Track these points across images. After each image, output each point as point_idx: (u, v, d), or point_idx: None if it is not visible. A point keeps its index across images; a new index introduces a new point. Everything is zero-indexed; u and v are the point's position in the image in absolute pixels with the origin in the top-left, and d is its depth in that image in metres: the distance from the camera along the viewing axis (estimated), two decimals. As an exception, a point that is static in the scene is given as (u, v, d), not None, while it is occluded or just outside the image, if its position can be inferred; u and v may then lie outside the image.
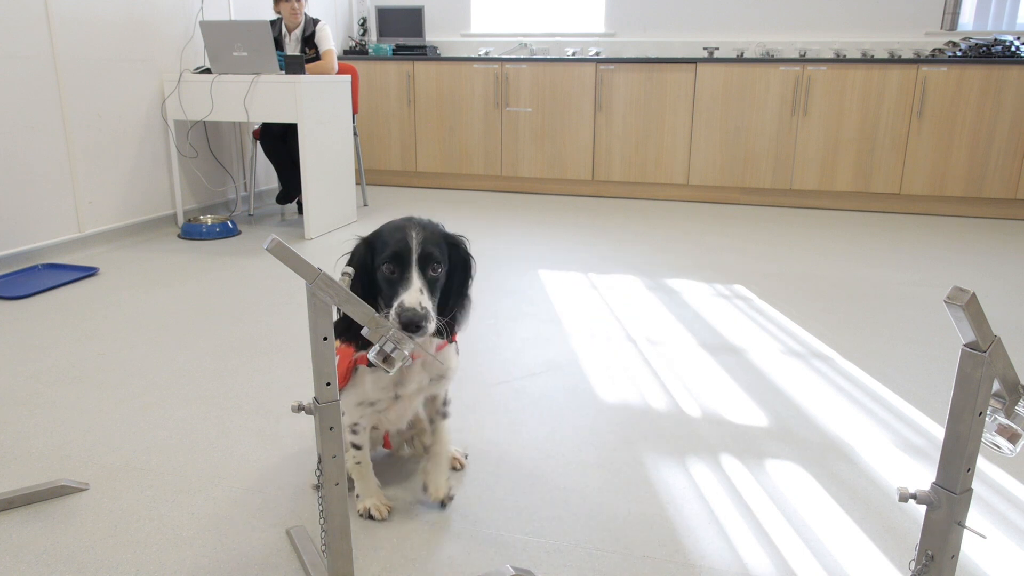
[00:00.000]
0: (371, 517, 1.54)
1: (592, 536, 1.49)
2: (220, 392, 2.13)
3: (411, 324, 1.23)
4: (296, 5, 4.29)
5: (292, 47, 4.44)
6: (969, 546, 1.47)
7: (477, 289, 3.11)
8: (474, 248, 1.41)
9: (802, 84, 4.79)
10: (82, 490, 1.63)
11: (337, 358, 1.45)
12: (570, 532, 1.50)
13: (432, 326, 1.28)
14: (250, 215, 4.68)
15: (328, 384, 1.15)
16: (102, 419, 1.96)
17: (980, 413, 0.86)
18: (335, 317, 1.29)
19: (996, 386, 0.86)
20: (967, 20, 5.09)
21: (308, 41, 4.43)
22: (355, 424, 1.50)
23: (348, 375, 1.45)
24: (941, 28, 5.06)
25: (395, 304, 1.27)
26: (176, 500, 1.60)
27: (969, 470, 0.89)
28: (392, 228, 1.34)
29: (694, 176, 5.11)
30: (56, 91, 3.44)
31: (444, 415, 1.60)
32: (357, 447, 1.53)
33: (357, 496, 1.57)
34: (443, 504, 1.58)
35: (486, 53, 5.64)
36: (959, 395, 0.87)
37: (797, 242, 4.03)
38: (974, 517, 1.57)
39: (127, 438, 1.86)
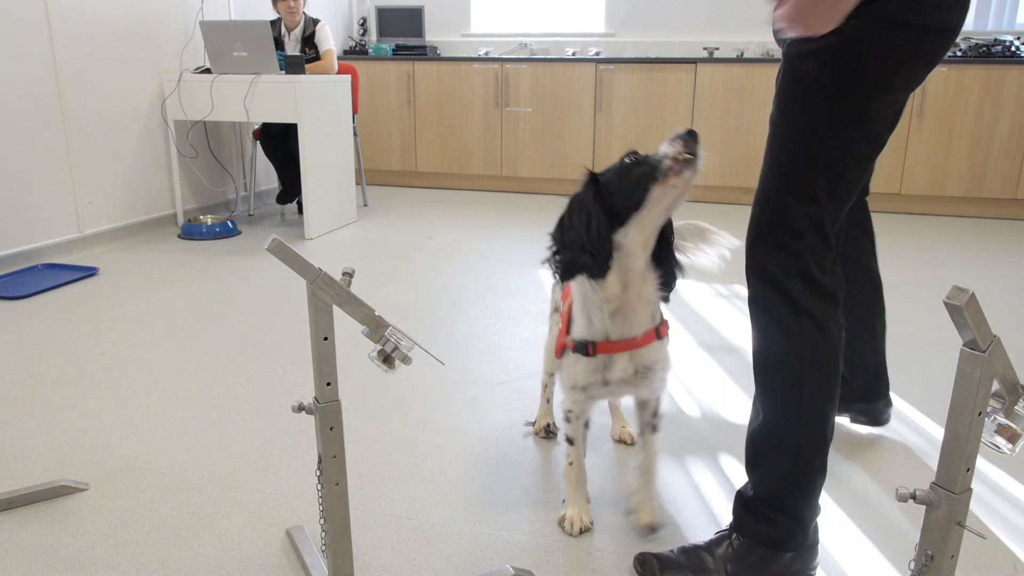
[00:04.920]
0: (564, 529, 1.49)
1: (592, 536, 1.49)
2: (220, 392, 2.13)
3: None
4: (293, 4, 4.29)
5: (292, 47, 4.44)
6: (969, 546, 1.47)
7: (476, 289, 3.12)
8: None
9: (802, 84, 4.78)
10: (82, 490, 1.63)
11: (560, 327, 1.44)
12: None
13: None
14: (250, 215, 4.68)
15: (328, 384, 1.15)
16: (102, 419, 1.96)
17: (980, 413, 0.86)
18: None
19: (996, 386, 0.86)
20: (967, 20, 5.08)
21: (308, 41, 4.43)
22: (568, 411, 1.47)
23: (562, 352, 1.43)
24: (941, 28, 5.06)
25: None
26: (176, 500, 1.60)
27: (969, 470, 0.89)
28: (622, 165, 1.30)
29: (694, 176, 5.10)
30: (56, 91, 3.44)
31: (654, 427, 1.49)
32: (570, 441, 1.49)
33: (563, 501, 1.54)
34: (652, 530, 1.47)
35: (486, 53, 5.64)
36: (959, 395, 0.87)
37: (797, 242, 4.02)
38: (974, 517, 1.57)
39: (127, 438, 1.86)
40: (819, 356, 1.22)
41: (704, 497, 1.64)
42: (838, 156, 1.20)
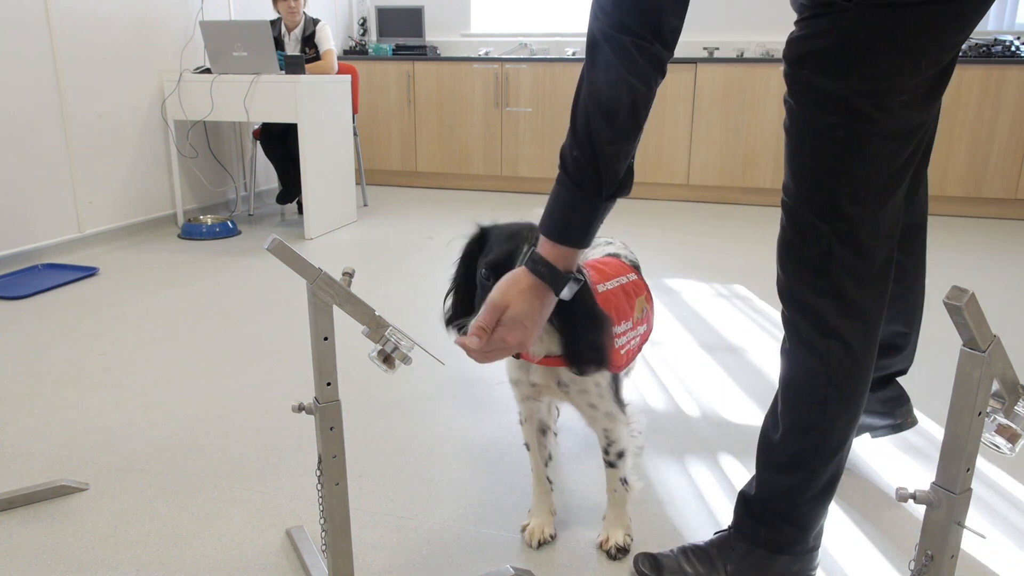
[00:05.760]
0: (524, 539, 1.46)
1: (591, 536, 1.49)
2: (220, 392, 2.13)
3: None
4: (293, 4, 4.29)
5: (292, 47, 4.44)
6: (969, 546, 1.47)
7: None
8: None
9: (802, 84, 4.78)
10: (82, 490, 1.63)
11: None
12: (570, 532, 1.50)
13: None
14: (250, 215, 4.68)
15: (328, 384, 1.15)
16: (102, 419, 1.96)
17: (979, 413, 0.86)
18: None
19: (996, 386, 0.86)
20: (967, 20, 5.08)
21: (308, 41, 4.43)
22: (520, 412, 1.45)
23: None
24: (941, 28, 5.06)
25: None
26: (176, 500, 1.60)
27: (969, 470, 0.89)
28: (507, 232, 1.20)
29: (694, 176, 5.11)
30: (56, 91, 3.44)
31: (609, 464, 1.41)
32: (527, 447, 1.47)
33: (528, 511, 1.52)
34: (609, 554, 1.42)
35: (486, 53, 5.64)
36: (958, 395, 0.87)
37: (797, 242, 4.02)
38: (974, 517, 1.57)
39: (127, 438, 1.86)
40: (845, 379, 1.15)
41: (704, 497, 1.64)
42: (861, 162, 1.04)
